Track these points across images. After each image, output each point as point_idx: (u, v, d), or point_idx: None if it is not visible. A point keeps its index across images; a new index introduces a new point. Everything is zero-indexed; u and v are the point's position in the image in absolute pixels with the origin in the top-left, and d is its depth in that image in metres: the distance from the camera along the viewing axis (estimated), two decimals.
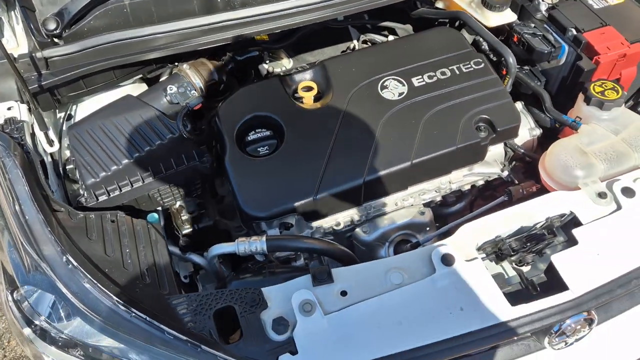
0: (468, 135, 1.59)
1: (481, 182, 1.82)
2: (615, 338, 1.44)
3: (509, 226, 1.44)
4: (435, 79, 1.68)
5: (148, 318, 1.25)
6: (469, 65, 1.69)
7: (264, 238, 1.39)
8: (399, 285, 1.33)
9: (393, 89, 1.66)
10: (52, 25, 1.62)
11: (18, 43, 1.72)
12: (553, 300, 1.31)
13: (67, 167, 1.64)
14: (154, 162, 1.57)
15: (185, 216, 1.69)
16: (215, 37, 1.63)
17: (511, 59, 1.73)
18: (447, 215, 1.87)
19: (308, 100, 1.68)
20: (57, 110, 1.79)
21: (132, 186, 1.57)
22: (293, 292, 1.31)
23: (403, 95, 1.65)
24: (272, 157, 1.56)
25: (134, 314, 1.26)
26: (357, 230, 1.70)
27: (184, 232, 1.69)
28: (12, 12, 1.77)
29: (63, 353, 1.27)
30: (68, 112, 1.82)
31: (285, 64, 2.14)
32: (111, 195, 1.55)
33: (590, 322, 1.34)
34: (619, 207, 1.44)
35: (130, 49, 1.62)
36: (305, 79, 1.71)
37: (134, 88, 1.85)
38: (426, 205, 1.78)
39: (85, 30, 1.64)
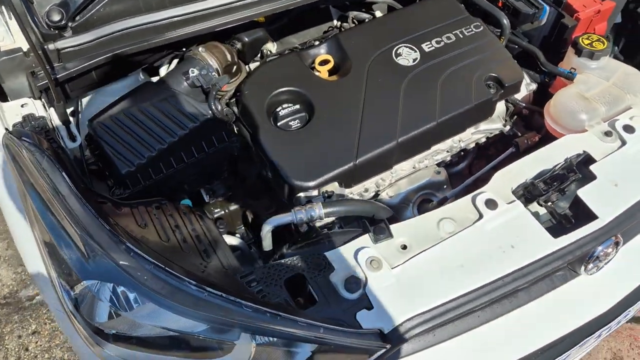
0: (481, 93, 1.71)
1: (483, 140, 1.96)
2: (636, 256, 1.61)
3: (535, 169, 1.57)
4: (442, 43, 1.78)
5: (224, 294, 1.26)
6: (470, 29, 1.81)
7: (320, 204, 1.43)
8: (452, 233, 1.42)
9: (407, 56, 1.74)
10: (56, 17, 1.56)
11: (14, 39, 1.64)
12: (587, 229, 1.45)
13: (88, 162, 1.59)
14: (186, 146, 1.56)
15: (213, 200, 1.69)
16: (230, 17, 1.64)
17: (505, 21, 1.87)
18: (452, 174, 1.98)
19: (324, 73, 1.73)
20: (65, 105, 1.71)
21: (166, 172, 1.55)
22: (355, 252, 1.37)
23: (417, 61, 1.74)
24: (306, 128, 1.59)
25: (208, 293, 1.25)
26: (382, 194, 1.78)
27: (215, 216, 1.69)
28: (2, 7, 1.67)
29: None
30: (72, 108, 1.75)
31: (270, 47, 2.16)
32: (146, 183, 1.53)
33: (617, 245, 1.50)
34: (623, 143, 1.61)
35: (146, 34, 1.59)
36: (320, 53, 1.75)
37: (136, 80, 1.81)
38: (438, 165, 1.88)
39: (95, 19, 1.59)
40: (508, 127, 1.91)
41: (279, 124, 1.62)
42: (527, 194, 1.56)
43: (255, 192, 1.78)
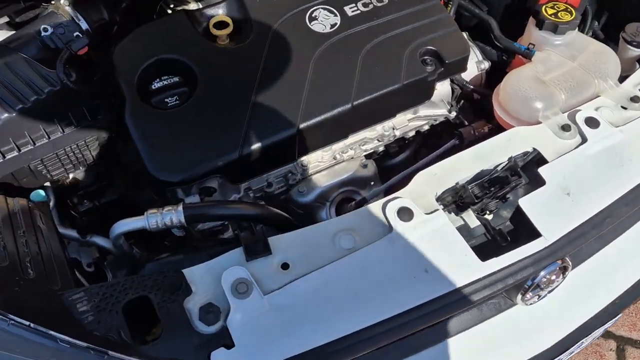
0: (414, 70, 1.37)
1: (426, 127, 1.63)
2: (587, 284, 1.30)
3: (469, 170, 1.25)
4: (371, 6, 1.44)
5: (32, 325, 0.95)
6: None
7: (180, 207, 1.11)
8: (350, 250, 1.11)
9: (323, 20, 1.40)
10: None
11: None
12: (526, 250, 1.14)
13: None
14: (30, 124, 1.24)
15: (81, 191, 1.37)
16: None
17: None
18: (390, 167, 1.66)
19: (223, 38, 1.39)
20: None
21: (4, 157, 1.23)
22: (223, 270, 1.06)
23: (336, 27, 1.40)
24: (184, 107, 1.27)
25: (12, 322, 0.95)
26: (292, 190, 1.46)
27: (82, 209, 1.38)
28: None
29: None
30: None
31: (193, 5, 1.81)
32: None
33: (564, 270, 1.19)
34: (584, 140, 1.28)
35: None
36: (217, 13, 1.41)
37: None
38: (368, 157, 1.56)
39: None
40: (454, 114, 1.58)
41: (153, 100, 1.29)
42: (458, 200, 1.25)
43: (141, 181, 1.46)
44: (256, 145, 1.24)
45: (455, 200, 1.25)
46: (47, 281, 1.06)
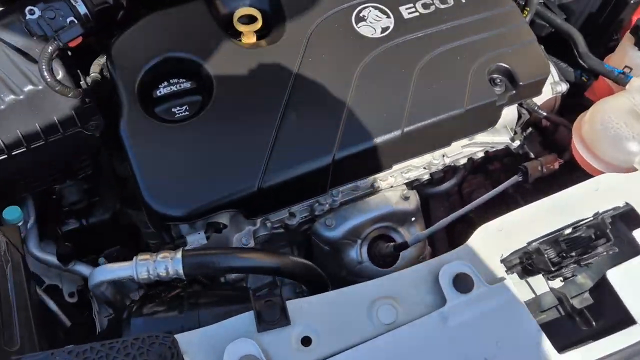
0: (480, 92, 1.12)
1: (480, 154, 1.37)
2: None
3: (543, 227, 0.99)
4: (432, 8, 1.17)
5: None
6: None
7: (179, 254, 0.87)
8: (390, 325, 0.88)
9: (373, 22, 1.14)
10: None
11: None
12: (616, 341, 0.89)
13: None
14: (7, 130, 1.01)
15: (66, 207, 1.14)
16: None
17: None
18: (429, 195, 1.41)
19: (249, 36, 1.14)
20: None
21: None
22: (227, 341, 0.83)
23: (388, 32, 1.14)
24: (195, 121, 1.03)
25: None
26: (319, 222, 1.22)
27: (67, 229, 1.15)
28: None
29: None
30: None
31: None
32: None
33: None
34: None
35: None
36: (244, 5, 1.15)
37: None
38: (409, 185, 1.31)
39: None
40: (517, 143, 1.32)
41: (157, 108, 1.05)
42: (526, 262, 0.99)
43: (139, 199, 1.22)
44: (281, 177, 1.00)
45: (523, 262, 1.00)
46: (2, 339, 0.83)
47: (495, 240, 0.98)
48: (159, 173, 0.98)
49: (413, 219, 1.28)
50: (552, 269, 0.96)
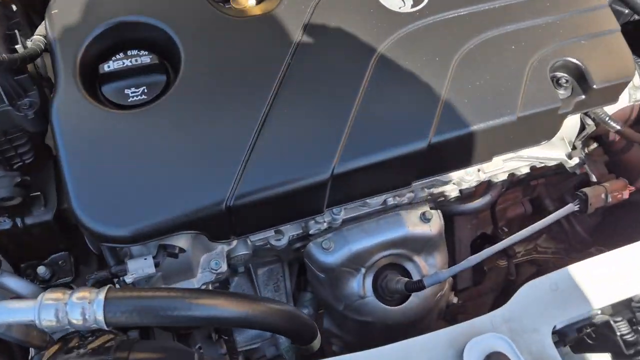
0: (539, 94, 0.84)
1: (525, 170, 1.09)
2: None
3: (619, 289, 0.72)
4: None
5: None
6: None
7: (102, 294, 0.62)
8: None
9: None
10: None
11: None
12: None
13: None
14: None
15: None
16: None
17: None
18: (453, 213, 1.14)
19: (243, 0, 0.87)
20: None
21: None
22: None
23: (421, 5, 0.86)
24: (151, 108, 0.77)
25: None
26: (314, 243, 0.96)
27: None
28: None
29: None
30: None
31: None
32: None
33: None
34: None
35: None
36: None
37: None
38: (432, 201, 1.05)
39: None
40: (576, 160, 1.03)
41: (103, 87, 0.79)
42: (587, 334, 0.73)
43: None
44: (259, 193, 0.73)
45: (582, 336, 0.73)
46: None
47: (546, 303, 0.71)
48: (98, 177, 0.73)
49: (431, 247, 1.02)
50: (626, 351, 0.69)
